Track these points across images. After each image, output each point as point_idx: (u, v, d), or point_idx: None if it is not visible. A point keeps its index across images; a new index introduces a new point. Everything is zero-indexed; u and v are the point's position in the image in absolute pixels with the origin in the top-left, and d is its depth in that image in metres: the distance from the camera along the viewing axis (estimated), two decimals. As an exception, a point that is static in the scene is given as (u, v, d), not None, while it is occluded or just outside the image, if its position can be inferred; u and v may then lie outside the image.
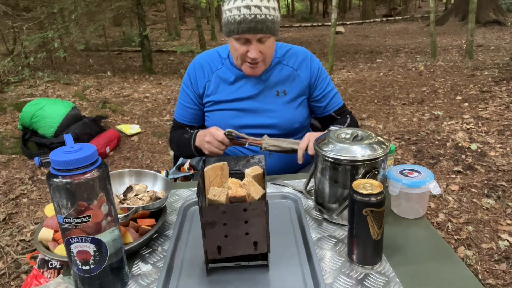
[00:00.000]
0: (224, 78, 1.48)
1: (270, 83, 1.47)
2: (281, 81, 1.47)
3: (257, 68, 1.38)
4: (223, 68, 1.48)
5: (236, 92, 1.46)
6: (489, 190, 2.68)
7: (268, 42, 1.34)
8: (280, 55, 1.49)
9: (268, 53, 1.37)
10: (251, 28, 1.26)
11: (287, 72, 1.48)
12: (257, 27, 1.26)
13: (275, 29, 1.33)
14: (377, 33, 12.92)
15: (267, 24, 1.28)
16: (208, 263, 0.89)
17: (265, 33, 1.29)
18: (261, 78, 1.46)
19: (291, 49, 1.52)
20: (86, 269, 0.81)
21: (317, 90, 1.52)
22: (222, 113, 1.48)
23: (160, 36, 12.48)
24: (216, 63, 1.50)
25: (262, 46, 1.33)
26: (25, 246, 2.38)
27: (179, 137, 1.53)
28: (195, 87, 1.51)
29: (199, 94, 1.51)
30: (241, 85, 1.47)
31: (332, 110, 1.55)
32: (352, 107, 4.93)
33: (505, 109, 4.33)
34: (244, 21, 1.26)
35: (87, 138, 3.82)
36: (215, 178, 0.99)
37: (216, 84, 1.48)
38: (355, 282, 0.85)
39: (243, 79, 1.46)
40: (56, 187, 0.75)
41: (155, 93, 6.16)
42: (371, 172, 0.99)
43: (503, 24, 10.96)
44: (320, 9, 26.62)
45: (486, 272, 1.98)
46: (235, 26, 1.28)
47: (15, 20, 6.76)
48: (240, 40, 1.32)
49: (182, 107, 1.56)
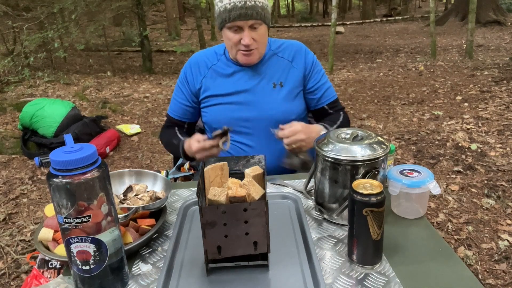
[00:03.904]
0: (220, 72, 1.50)
1: (266, 75, 1.48)
2: (277, 73, 1.49)
3: (251, 56, 1.40)
4: (219, 63, 1.51)
5: (233, 86, 1.48)
6: (489, 190, 2.68)
7: (260, 30, 1.37)
8: (274, 48, 1.52)
9: (261, 41, 1.40)
10: (241, 15, 1.31)
11: (283, 64, 1.50)
12: (247, 13, 1.31)
13: (266, 17, 1.36)
14: (377, 33, 12.92)
15: (257, 10, 1.32)
16: (208, 263, 0.89)
17: (255, 19, 1.33)
18: (257, 71, 1.48)
19: (285, 43, 1.55)
20: (86, 269, 0.81)
21: (311, 81, 1.53)
22: (220, 107, 1.50)
23: (160, 36, 12.49)
24: (212, 59, 1.53)
25: (254, 33, 1.36)
26: (25, 246, 2.38)
27: (167, 140, 1.58)
28: (190, 84, 1.53)
29: (194, 92, 1.53)
30: (237, 78, 1.48)
31: (326, 103, 1.55)
32: (352, 107, 4.93)
33: (505, 109, 4.33)
34: (234, 8, 1.31)
35: (87, 138, 3.82)
36: (215, 178, 0.99)
37: (212, 79, 1.50)
38: (355, 282, 0.85)
39: (239, 73, 1.48)
40: (56, 187, 0.75)
41: (155, 93, 6.17)
42: (371, 172, 0.99)
43: (503, 24, 10.96)
44: (320, 9, 26.63)
45: (486, 272, 1.98)
46: (227, 15, 1.32)
47: (15, 20, 6.76)
48: (232, 28, 1.35)
49: (175, 103, 1.58)
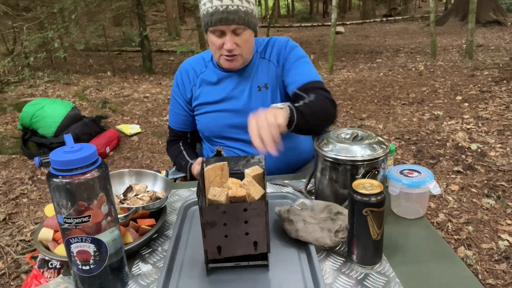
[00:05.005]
0: (207, 80, 1.49)
1: (252, 79, 1.46)
2: (261, 75, 1.46)
3: (234, 61, 1.37)
4: (207, 71, 1.50)
5: (221, 93, 1.47)
6: (489, 190, 2.68)
7: (243, 35, 1.33)
8: (260, 50, 1.49)
9: (245, 47, 1.36)
10: (223, 19, 1.28)
11: (266, 64, 1.47)
12: (229, 17, 1.27)
13: (249, 21, 1.32)
14: (377, 33, 12.92)
15: (239, 15, 1.28)
16: (208, 263, 0.89)
17: (237, 23, 1.29)
18: (243, 76, 1.46)
19: (270, 40, 1.49)
20: (86, 269, 0.81)
21: (285, 66, 1.43)
22: (210, 115, 1.49)
23: (160, 36, 12.49)
24: (200, 67, 1.51)
25: (237, 39, 1.33)
26: (25, 246, 2.38)
27: (175, 158, 1.59)
28: (183, 93, 1.53)
29: (187, 100, 1.53)
30: (225, 85, 1.47)
31: (297, 85, 1.36)
32: (352, 107, 4.93)
33: (505, 109, 4.33)
34: (216, 12, 1.27)
35: (87, 138, 3.82)
36: (215, 178, 0.99)
37: (201, 87, 1.49)
38: (355, 282, 0.85)
39: (226, 80, 1.47)
40: (56, 187, 0.75)
41: (155, 93, 6.17)
42: (371, 172, 1.00)
43: (503, 24, 10.96)
44: (320, 9, 26.62)
45: (486, 272, 1.98)
46: (209, 18, 1.30)
47: (15, 20, 6.76)
48: (215, 33, 1.32)
49: (174, 114, 1.58)
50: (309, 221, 0.95)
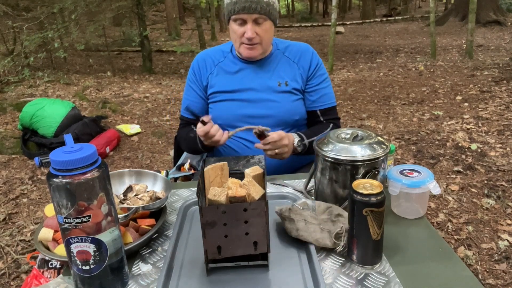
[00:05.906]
0: (226, 69, 1.52)
1: (272, 73, 1.50)
2: (282, 71, 1.50)
3: (254, 50, 1.42)
4: (226, 61, 1.53)
5: (239, 83, 1.49)
6: (489, 190, 2.68)
7: (264, 25, 1.39)
8: (281, 48, 1.54)
9: (265, 37, 1.41)
10: (246, 8, 1.33)
11: (289, 64, 1.52)
12: (251, 6, 1.33)
13: (270, 12, 1.38)
14: (377, 33, 12.92)
15: (261, 5, 1.34)
16: (208, 263, 0.89)
17: (259, 13, 1.34)
18: (263, 69, 1.50)
19: (293, 44, 1.57)
20: (86, 269, 0.81)
21: (311, 82, 1.53)
22: (225, 103, 1.51)
23: (160, 36, 12.49)
24: (218, 57, 1.55)
25: (258, 28, 1.38)
26: (25, 246, 2.38)
27: (185, 135, 1.57)
28: (199, 80, 1.55)
29: (203, 87, 1.55)
30: (243, 75, 1.50)
31: (319, 108, 1.54)
32: (352, 107, 4.93)
33: (505, 109, 4.33)
34: (239, 1, 1.34)
35: (87, 138, 3.82)
36: (215, 178, 0.99)
37: (218, 76, 1.52)
38: (355, 282, 0.85)
39: (245, 70, 1.50)
40: (56, 187, 0.75)
41: (155, 93, 6.17)
42: (371, 172, 0.99)
43: (503, 24, 10.96)
44: (320, 9, 26.63)
45: (486, 272, 1.98)
46: (232, 7, 1.36)
47: (15, 20, 6.76)
48: (237, 21, 1.38)
49: (187, 102, 1.59)
50: (310, 221, 0.95)
